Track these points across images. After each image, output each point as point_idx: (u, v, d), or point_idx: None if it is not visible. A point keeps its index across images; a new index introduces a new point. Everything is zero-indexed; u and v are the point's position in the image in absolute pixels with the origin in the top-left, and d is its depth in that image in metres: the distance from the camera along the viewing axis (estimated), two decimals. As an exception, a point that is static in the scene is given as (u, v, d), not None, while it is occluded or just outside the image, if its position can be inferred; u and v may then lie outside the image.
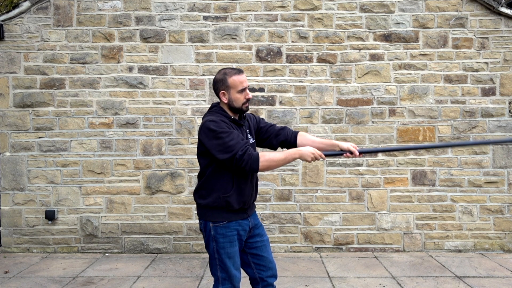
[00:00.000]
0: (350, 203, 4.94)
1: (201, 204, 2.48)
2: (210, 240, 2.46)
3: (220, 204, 2.41)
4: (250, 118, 2.70)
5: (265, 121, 2.79)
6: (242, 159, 2.30)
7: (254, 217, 2.60)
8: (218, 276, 2.47)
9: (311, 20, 4.89)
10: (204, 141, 2.37)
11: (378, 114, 4.92)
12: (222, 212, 2.43)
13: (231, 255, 2.44)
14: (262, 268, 2.56)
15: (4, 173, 4.88)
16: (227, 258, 2.44)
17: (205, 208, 2.46)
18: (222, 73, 2.48)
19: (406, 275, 4.18)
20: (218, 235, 2.43)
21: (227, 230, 2.43)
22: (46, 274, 4.23)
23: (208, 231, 2.46)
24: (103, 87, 4.89)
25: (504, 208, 4.92)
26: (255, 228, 2.58)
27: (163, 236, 4.94)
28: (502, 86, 4.90)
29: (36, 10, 4.84)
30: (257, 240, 2.58)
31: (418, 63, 4.91)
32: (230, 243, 2.44)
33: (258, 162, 2.32)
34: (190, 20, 4.88)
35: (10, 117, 4.86)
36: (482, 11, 4.88)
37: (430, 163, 4.91)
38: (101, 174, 4.90)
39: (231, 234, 2.44)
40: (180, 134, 4.91)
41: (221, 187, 2.41)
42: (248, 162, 2.31)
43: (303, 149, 2.41)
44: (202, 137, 2.39)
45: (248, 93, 2.48)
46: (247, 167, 2.32)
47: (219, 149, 2.32)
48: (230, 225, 2.43)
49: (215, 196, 2.42)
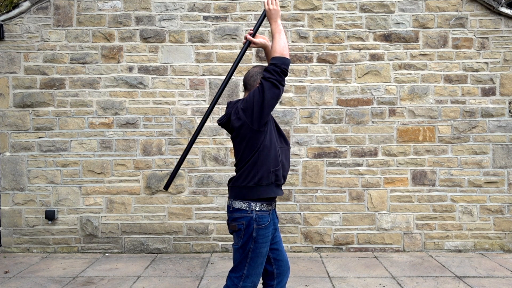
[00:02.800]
0: (350, 203, 4.94)
1: (249, 185, 2.44)
2: (250, 240, 2.43)
3: (270, 180, 2.43)
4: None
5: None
6: (280, 77, 2.40)
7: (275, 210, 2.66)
8: (242, 273, 2.45)
9: (311, 20, 4.89)
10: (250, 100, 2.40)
11: (378, 114, 4.92)
12: (271, 187, 2.45)
13: (263, 254, 2.47)
14: (280, 263, 2.59)
15: (4, 173, 4.88)
16: (262, 258, 2.46)
17: (254, 187, 2.43)
18: (259, 67, 2.56)
19: (406, 275, 4.18)
20: (259, 236, 2.43)
21: (266, 231, 2.45)
22: (46, 274, 4.23)
23: (251, 231, 2.43)
24: (103, 87, 4.89)
25: (504, 208, 4.92)
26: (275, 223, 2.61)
27: (163, 236, 4.94)
28: (502, 86, 4.90)
29: (36, 10, 4.84)
30: (276, 234, 2.61)
31: (418, 63, 4.91)
32: (266, 243, 2.46)
33: (287, 61, 2.43)
34: (190, 20, 4.88)
35: (10, 117, 4.86)
36: (482, 11, 4.88)
37: (430, 163, 4.92)
38: (101, 174, 4.90)
39: (268, 235, 2.47)
40: (180, 134, 4.91)
41: (271, 162, 2.43)
42: (283, 69, 2.40)
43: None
44: (247, 102, 2.41)
45: None
46: (286, 68, 2.42)
47: (268, 87, 2.37)
48: (269, 226, 2.46)
49: (265, 171, 2.42)
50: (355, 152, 4.92)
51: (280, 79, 2.39)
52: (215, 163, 4.90)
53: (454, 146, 4.91)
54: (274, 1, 2.53)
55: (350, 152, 4.92)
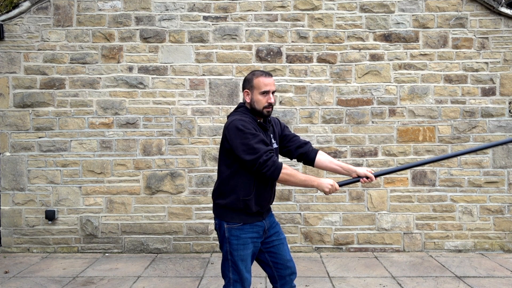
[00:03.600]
0: (350, 203, 4.94)
1: (220, 204, 2.45)
2: (224, 241, 2.44)
3: (238, 206, 2.40)
4: (275, 122, 2.67)
5: (289, 130, 2.75)
6: (266, 164, 2.30)
7: (269, 217, 2.59)
8: (229, 278, 2.44)
9: (311, 20, 4.89)
10: (231, 140, 2.35)
11: (378, 114, 4.92)
12: (240, 214, 2.41)
13: (244, 258, 2.41)
14: (280, 266, 2.56)
15: (4, 173, 4.88)
16: (240, 261, 2.41)
17: (223, 208, 2.44)
18: (251, 73, 2.51)
19: (406, 275, 4.18)
20: (232, 237, 2.41)
21: (241, 232, 2.41)
22: (46, 274, 4.23)
23: (223, 232, 2.44)
24: (103, 87, 4.89)
25: (504, 208, 4.92)
26: (271, 228, 2.57)
27: (163, 236, 4.94)
28: (502, 86, 4.90)
29: (36, 10, 4.84)
30: (274, 239, 2.56)
31: (418, 63, 4.91)
32: (243, 245, 2.41)
33: (280, 172, 2.32)
34: (190, 20, 4.88)
35: (10, 117, 4.86)
36: (482, 11, 4.88)
37: (430, 163, 4.91)
38: (101, 174, 4.90)
39: (245, 237, 2.41)
40: (180, 134, 4.91)
41: (242, 189, 2.39)
42: (270, 169, 2.30)
43: (323, 181, 2.40)
44: (230, 135, 2.36)
45: (271, 98, 2.44)
46: (268, 173, 2.31)
47: (245, 150, 2.30)
48: (245, 228, 2.41)
49: (234, 198, 2.40)
50: (355, 152, 4.92)
51: (260, 162, 2.31)
52: (215, 163, 4.90)
53: (454, 146, 4.91)
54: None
55: (350, 152, 4.92)
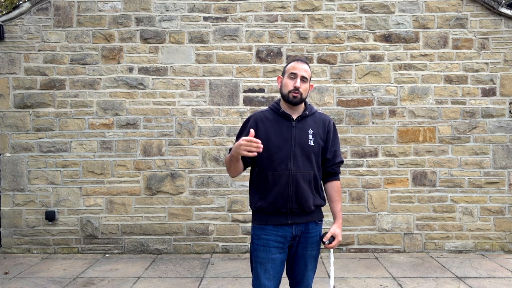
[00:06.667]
0: (350, 204, 4.94)
1: (250, 206, 2.38)
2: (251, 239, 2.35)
3: (256, 207, 2.30)
4: (323, 121, 2.43)
5: (335, 144, 2.44)
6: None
7: (305, 227, 2.34)
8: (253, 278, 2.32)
9: (311, 21, 4.89)
10: None
11: (378, 114, 4.92)
12: (260, 213, 2.30)
13: (262, 261, 2.25)
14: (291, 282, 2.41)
15: (4, 174, 4.88)
16: (258, 263, 2.26)
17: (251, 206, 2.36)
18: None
19: (407, 276, 4.18)
20: (254, 235, 2.30)
21: (263, 232, 2.28)
22: (46, 275, 4.23)
23: (251, 230, 2.37)
24: (103, 87, 4.89)
25: (505, 208, 4.91)
26: (301, 237, 2.34)
27: (163, 236, 4.93)
28: (502, 87, 4.90)
29: (36, 11, 4.85)
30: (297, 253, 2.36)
31: (418, 64, 4.91)
32: (264, 247, 2.26)
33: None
34: (190, 20, 4.88)
35: (10, 118, 4.86)
36: (482, 12, 4.88)
37: (430, 164, 4.91)
38: (101, 174, 4.90)
39: (266, 238, 2.26)
40: (180, 134, 4.90)
41: (259, 188, 2.29)
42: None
43: (235, 148, 2.10)
44: None
45: (297, 82, 2.30)
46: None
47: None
48: (267, 228, 2.27)
49: (253, 199, 2.33)
50: (355, 152, 4.92)
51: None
52: (216, 163, 4.90)
53: (454, 147, 4.91)
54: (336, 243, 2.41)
55: (350, 152, 4.92)
